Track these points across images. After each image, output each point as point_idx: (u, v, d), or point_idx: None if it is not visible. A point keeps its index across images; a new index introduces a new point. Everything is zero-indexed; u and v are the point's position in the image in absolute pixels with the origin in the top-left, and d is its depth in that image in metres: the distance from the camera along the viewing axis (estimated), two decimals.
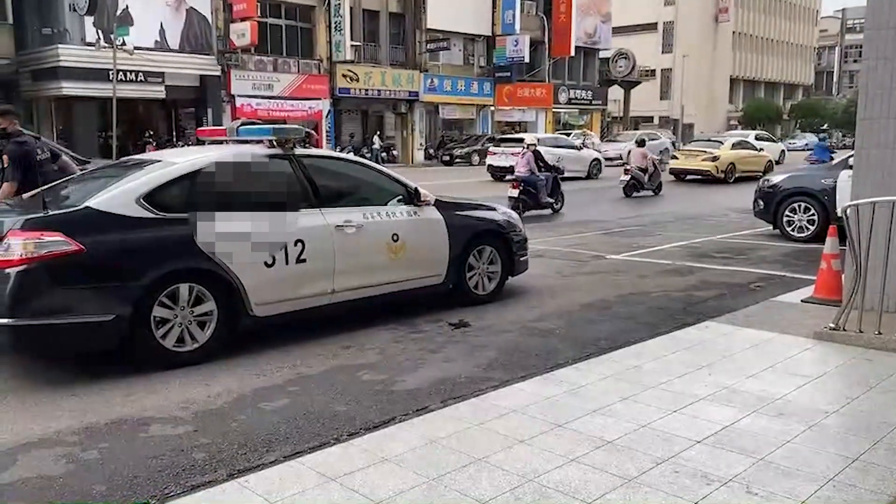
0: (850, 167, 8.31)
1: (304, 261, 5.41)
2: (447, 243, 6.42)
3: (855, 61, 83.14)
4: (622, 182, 18.75)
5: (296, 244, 5.37)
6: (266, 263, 5.23)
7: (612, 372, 4.73)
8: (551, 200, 14.97)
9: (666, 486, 3.17)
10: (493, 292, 6.94)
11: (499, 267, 6.96)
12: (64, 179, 6.20)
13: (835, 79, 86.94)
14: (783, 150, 32.92)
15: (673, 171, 23.84)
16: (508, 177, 20.71)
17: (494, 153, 24.44)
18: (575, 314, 6.51)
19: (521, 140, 20.37)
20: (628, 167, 18.91)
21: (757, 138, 29.61)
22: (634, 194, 18.58)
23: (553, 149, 22.61)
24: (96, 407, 4.26)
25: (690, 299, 7.08)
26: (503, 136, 28.61)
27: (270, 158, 5.59)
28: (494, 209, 7.23)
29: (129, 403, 4.31)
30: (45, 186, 5.88)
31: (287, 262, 5.33)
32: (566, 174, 18.18)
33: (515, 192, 14.32)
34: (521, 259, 7.22)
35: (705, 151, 23.47)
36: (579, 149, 26.27)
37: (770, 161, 25.38)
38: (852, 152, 8.00)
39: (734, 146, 24.24)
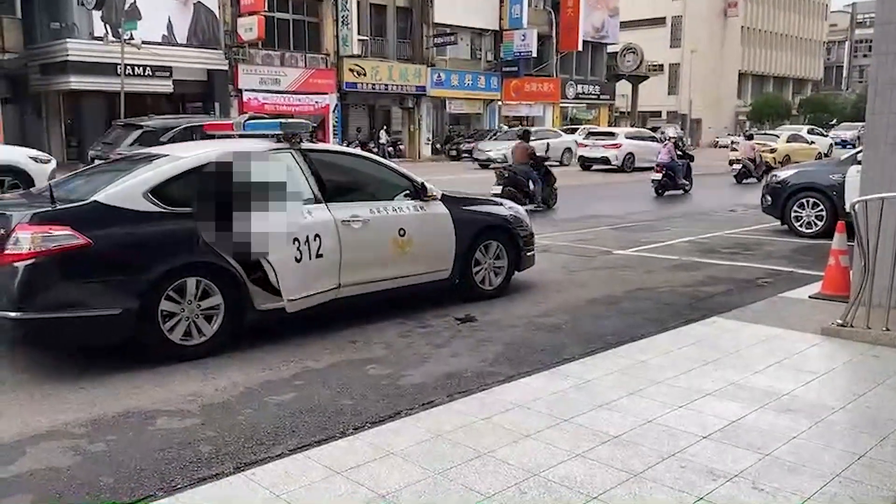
0: (859, 163, 8.27)
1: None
2: (454, 238, 6.42)
3: (864, 56, 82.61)
4: (733, 171, 22.09)
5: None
6: None
7: (618, 367, 4.72)
8: (686, 182, 18.13)
9: (671, 482, 3.17)
10: (500, 287, 6.94)
11: (505, 262, 6.96)
12: (72, 174, 6.21)
13: (844, 74, 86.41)
14: (831, 144, 35.68)
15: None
16: (595, 166, 25.71)
17: (585, 145, 27.91)
18: (581, 309, 6.51)
19: (612, 134, 24.50)
20: (738, 157, 22.21)
21: (809, 132, 33.10)
22: (744, 181, 21.38)
23: (636, 140, 26.59)
24: (104, 399, 4.28)
25: (697, 295, 7.07)
26: (592, 131, 31.64)
27: (277, 153, 5.59)
28: (501, 204, 7.23)
29: (136, 396, 4.33)
30: (53, 180, 5.90)
31: None
32: (643, 164, 21.28)
33: (658, 176, 17.59)
34: (528, 254, 7.21)
35: (765, 144, 25.87)
36: (658, 140, 29.25)
37: (820, 153, 28.30)
38: (861, 148, 7.95)
39: (789, 139, 27.48)
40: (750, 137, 23.48)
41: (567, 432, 3.69)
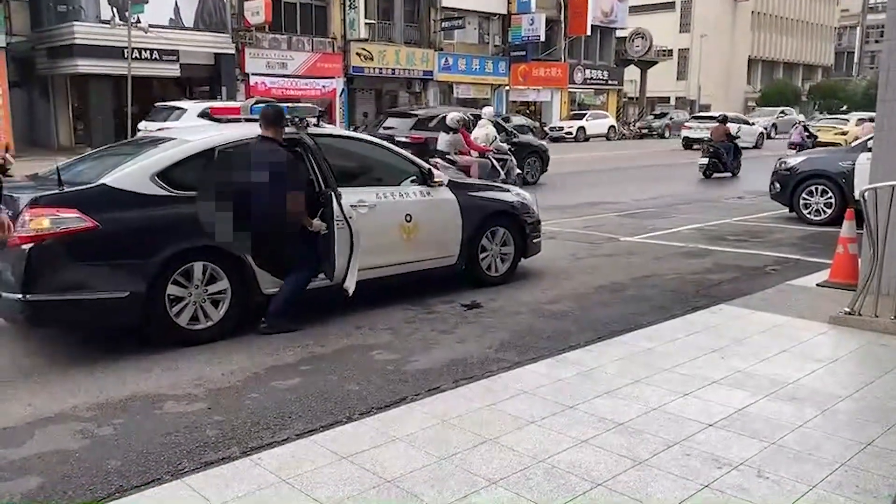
0: (869, 150, 8.20)
1: None
2: (460, 224, 6.41)
3: (876, 41, 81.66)
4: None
5: None
6: None
7: (624, 354, 4.72)
8: (735, 165, 19.17)
9: (676, 469, 3.17)
10: (506, 274, 6.93)
11: (512, 248, 6.94)
12: (79, 157, 6.22)
13: (855, 59, 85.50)
14: None
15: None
16: (696, 146, 26.49)
17: (690, 127, 31.05)
18: (588, 296, 6.50)
19: (714, 118, 24.02)
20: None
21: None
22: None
23: (733, 124, 27.27)
24: (112, 383, 4.31)
25: (704, 282, 7.04)
26: (696, 115, 35.15)
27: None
28: (508, 190, 7.20)
29: (144, 380, 4.35)
30: (63, 163, 5.90)
31: None
32: (742, 144, 21.53)
33: (705, 160, 18.72)
34: (535, 241, 7.19)
35: (835, 127, 27.83)
36: (752, 124, 31.18)
37: None
38: (871, 135, 7.88)
39: (857, 123, 27.85)
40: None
41: (572, 419, 3.70)
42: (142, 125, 16.08)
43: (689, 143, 29.67)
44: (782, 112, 43.77)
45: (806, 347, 4.88)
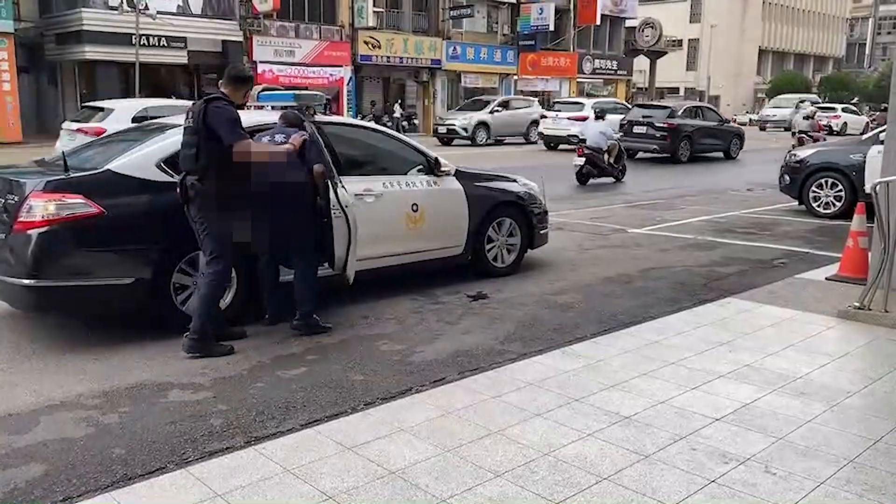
0: (881, 142, 8.11)
1: None
2: (467, 214, 6.38)
3: (889, 33, 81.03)
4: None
5: None
6: None
7: (631, 347, 4.69)
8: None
9: (683, 464, 3.15)
10: (513, 265, 6.90)
11: (518, 239, 6.91)
12: (85, 143, 6.20)
13: (867, 51, 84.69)
14: None
15: None
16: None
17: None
18: (595, 288, 6.47)
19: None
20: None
21: None
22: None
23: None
24: (117, 371, 4.30)
25: (712, 275, 7.00)
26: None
27: None
28: (515, 181, 7.15)
29: (150, 369, 4.35)
30: (69, 149, 5.88)
31: None
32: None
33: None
34: (542, 232, 7.16)
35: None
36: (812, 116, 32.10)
37: None
38: (884, 127, 7.79)
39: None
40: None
41: (578, 412, 3.68)
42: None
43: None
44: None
45: (814, 342, 4.84)
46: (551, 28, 38.51)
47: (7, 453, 3.29)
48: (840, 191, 10.49)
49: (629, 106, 24.95)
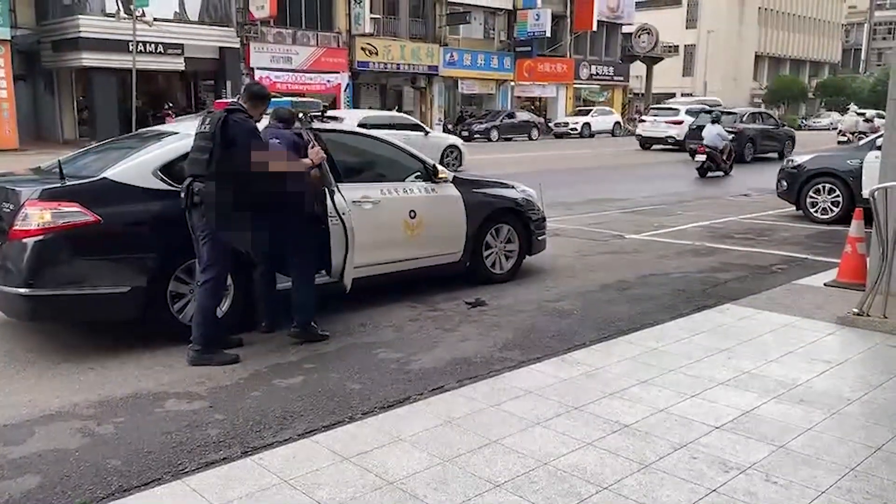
0: (878, 148, 8.12)
1: None
2: (464, 221, 6.36)
3: (884, 38, 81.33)
4: None
5: None
6: None
7: (630, 354, 4.67)
8: None
9: (683, 473, 3.12)
10: (511, 271, 6.89)
11: (516, 246, 6.90)
12: (82, 150, 6.18)
13: (862, 56, 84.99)
14: None
15: None
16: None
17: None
18: (593, 295, 6.45)
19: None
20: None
21: None
22: None
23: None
24: (113, 380, 4.27)
25: (711, 281, 6.99)
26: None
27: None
28: (513, 187, 7.14)
29: (146, 378, 4.32)
30: (65, 157, 5.86)
31: None
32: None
33: None
34: (539, 238, 7.14)
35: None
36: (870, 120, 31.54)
37: None
38: (881, 133, 7.80)
39: None
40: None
41: (577, 420, 3.65)
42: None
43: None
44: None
45: (814, 348, 4.82)
46: (548, 34, 38.62)
47: (1, 465, 3.26)
48: (837, 196, 10.49)
49: (733, 111, 26.82)
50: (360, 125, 15.64)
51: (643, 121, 30.28)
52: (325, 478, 3.07)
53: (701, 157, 17.94)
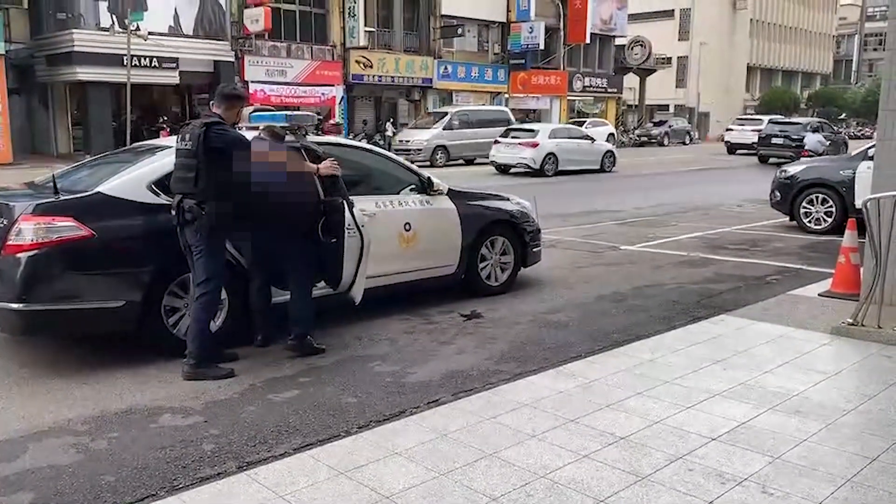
0: (870, 158, 8.17)
1: None
2: (459, 233, 6.37)
3: (875, 49, 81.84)
4: None
5: None
6: None
7: (625, 366, 4.67)
8: None
9: (680, 485, 3.12)
10: (506, 283, 6.89)
11: (511, 258, 6.91)
12: (76, 165, 6.18)
13: (854, 67, 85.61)
14: None
15: None
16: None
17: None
18: (588, 306, 6.45)
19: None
20: None
21: None
22: None
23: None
24: (107, 396, 4.25)
25: (706, 292, 7.00)
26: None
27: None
28: (507, 199, 7.16)
29: (140, 393, 4.30)
30: (59, 171, 5.85)
31: None
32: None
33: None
34: (535, 250, 7.15)
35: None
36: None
37: None
38: (872, 143, 7.85)
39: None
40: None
41: (574, 433, 3.65)
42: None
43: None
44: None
45: (809, 359, 4.83)
46: (541, 47, 38.77)
47: None
48: (830, 206, 10.54)
49: (799, 121, 28.50)
50: (549, 137, 22.89)
51: (730, 129, 35.05)
52: (320, 493, 3.05)
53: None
